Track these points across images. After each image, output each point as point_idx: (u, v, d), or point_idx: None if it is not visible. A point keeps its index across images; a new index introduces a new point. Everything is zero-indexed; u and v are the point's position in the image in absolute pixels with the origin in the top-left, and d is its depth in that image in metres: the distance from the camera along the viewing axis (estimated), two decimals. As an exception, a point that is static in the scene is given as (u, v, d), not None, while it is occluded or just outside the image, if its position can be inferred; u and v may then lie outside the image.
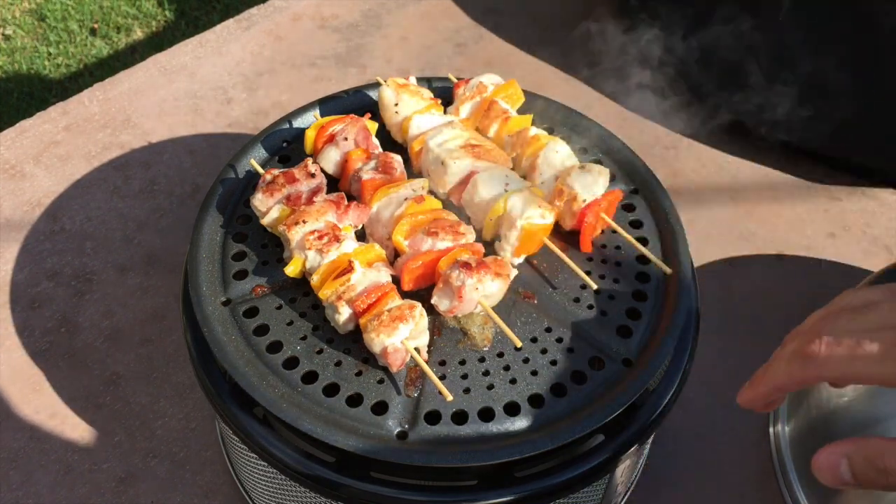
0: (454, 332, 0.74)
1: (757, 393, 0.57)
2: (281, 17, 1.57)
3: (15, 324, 1.09)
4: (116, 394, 1.02)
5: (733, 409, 1.02)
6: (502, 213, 0.78)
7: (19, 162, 1.28)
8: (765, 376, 0.56)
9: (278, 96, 1.42)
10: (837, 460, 0.52)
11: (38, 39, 2.43)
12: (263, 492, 0.84)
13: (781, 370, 0.55)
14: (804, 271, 1.19)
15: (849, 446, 0.52)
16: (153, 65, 1.46)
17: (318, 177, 0.80)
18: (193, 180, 1.27)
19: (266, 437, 0.69)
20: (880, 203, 1.30)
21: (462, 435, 0.66)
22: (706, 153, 1.37)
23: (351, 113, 0.90)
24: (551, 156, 0.83)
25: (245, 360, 0.70)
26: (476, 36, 1.57)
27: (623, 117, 1.42)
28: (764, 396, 0.57)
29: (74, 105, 1.38)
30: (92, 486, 0.94)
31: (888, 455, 0.50)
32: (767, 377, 0.56)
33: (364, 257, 0.74)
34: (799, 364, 0.53)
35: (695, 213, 1.26)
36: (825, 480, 0.52)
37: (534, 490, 0.67)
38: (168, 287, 1.14)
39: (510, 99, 0.91)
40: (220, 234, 0.81)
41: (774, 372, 0.56)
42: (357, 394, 0.69)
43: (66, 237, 1.19)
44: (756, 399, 0.58)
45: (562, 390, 0.69)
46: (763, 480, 0.97)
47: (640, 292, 0.77)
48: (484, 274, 0.71)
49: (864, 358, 0.50)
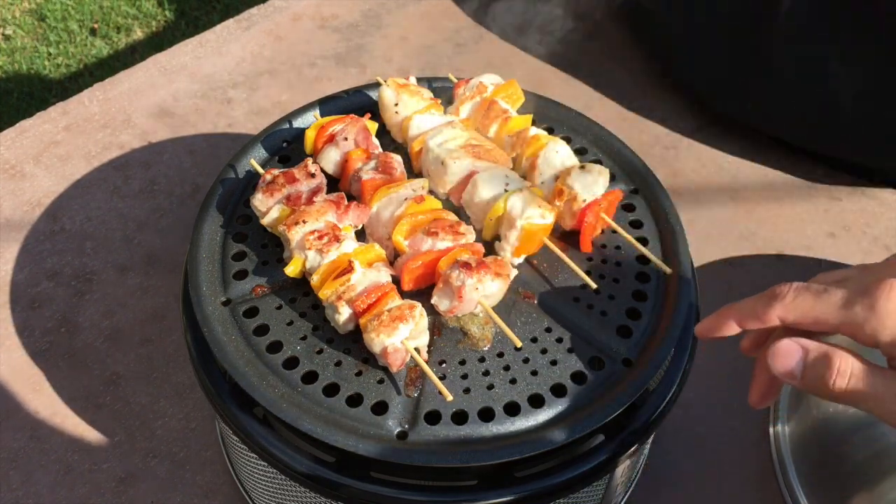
0: (454, 332, 0.74)
1: (716, 322, 0.59)
2: (281, 17, 1.57)
3: (15, 324, 1.09)
4: (116, 394, 1.02)
5: (733, 409, 1.02)
6: (502, 213, 0.78)
7: (19, 162, 1.28)
8: (729, 312, 0.59)
9: (278, 96, 1.42)
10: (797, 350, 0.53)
11: (38, 39, 2.43)
12: (263, 492, 0.84)
13: (747, 305, 0.57)
14: (804, 271, 1.19)
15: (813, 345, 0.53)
16: (153, 65, 1.46)
17: (318, 177, 0.80)
18: (193, 180, 1.28)
19: (266, 437, 0.69)
20: (880, 203, 1.30)
21: (462, 435, 0.66)
22: (706, 153, 1.37)
23: (351, 113, 0.90)
24: (551, 156, 0.83)
25: (245, 360, 0.70)
26: (476, 36, 1.57)
27: (623, 117, 1.42)
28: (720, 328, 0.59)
29: (74, 105, 1.38)
30: (92, 486, 0.94)
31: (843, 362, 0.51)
32: (732, 309, 0.58)
33: (364, 257, 0.74)
34: (764, 301, 0.56)
35: (695, 213, 1.26)
36: (776, 366, 0.54)
37: (534, 490, 0.67)
38: (168, 287, 1.14)
39: (510, 99, 0.91)
40: (220, 234, 0.81)
41: (740, 306, 0.58)
42: (357, 394, 0.69)
43: (66, 237, 1.19)
44: (712, 328, 0.60)
45: (562, 390, 0.69)
46: (763, 480, 0.97)
47: (640, 292, 0.77)
48: (484, 274, 0.71)
49: (827, 302, 0.52)
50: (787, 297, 0.54)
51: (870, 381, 0.51)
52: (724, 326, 0.59)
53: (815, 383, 0.52)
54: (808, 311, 0.53)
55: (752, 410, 1.02)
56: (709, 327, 0.60)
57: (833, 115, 1.25)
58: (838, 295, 0.52)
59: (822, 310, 0.52)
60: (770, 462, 0.98)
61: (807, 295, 0.53)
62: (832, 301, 0.52)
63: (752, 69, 1.28)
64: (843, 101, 1.22)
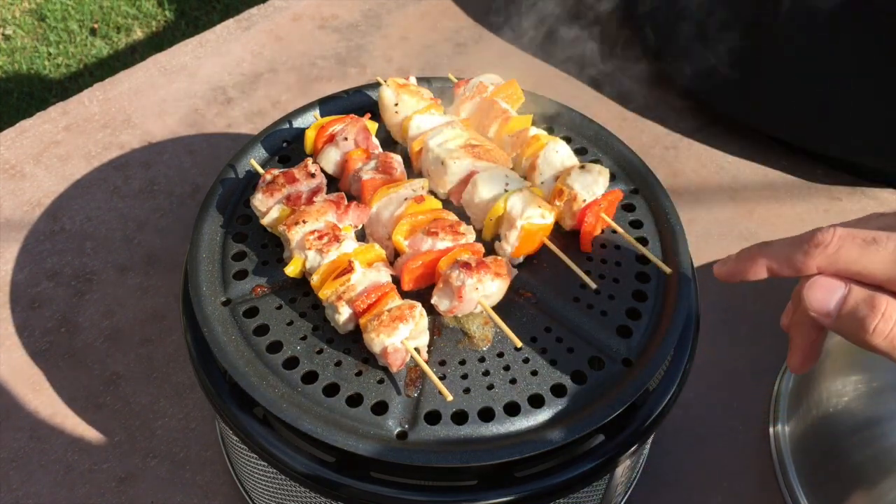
0: (454, 332, 0.74)
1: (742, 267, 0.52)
2: (281, 17, 1.57)
3: (15, 324, 1.09)
4: (116, 394, 1.02)
5: (733, 409, 1.02)
6: (502, 213, 0.78)
7: (19, 162, 1.28)
8: (760, 251, 0.52)
9: (278, 96, 1.42)
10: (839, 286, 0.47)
11: (38, 39, 2.43)
12: (263, 492, 0.84)
13: (781, 250, 0.51)
14: (804, 271, 1.19)
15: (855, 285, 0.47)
16: (153, 65, 1.46)
17: (318, 177, 0.80)
18: (193, 180, 1.28)
19: (266, 437, 0.69)
20: (880, 203, 1.30)
21: (462, 435, 0.66)
22: (706, 153, 1.37)
23: (351, 113, 0.90)
24: (551, 156, 0.83)
25: (245, 360, 0.70)
26: (476, 36, 1.57)
27: (623, 117, 1.42)
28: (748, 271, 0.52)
29: (74, 105, 1.38)
30: (92, 486, 0.94)
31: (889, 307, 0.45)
32: (762, 253, 0.52)
33: (364, 257, 0.74)
34: (804, 249, 0.49)
35: (695, 213, 1.26)
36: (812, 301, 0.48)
37: (534, 490, 0.67)
38: (168, 287, 1.14)
39: (510, 99, 0.91)
40: (220, 234, 0.81)
41: (772, 249, 0.51)
42: (357, 394, 0.69)
43: (66, 237, 1.19)
44: (738, 271, 0.53)
45: (562, 390, 0.69)
46: (763, 480, 0.97)
47: (640, 292, 0.77)
48: (484, 274, 0.71)
49: (876, 254, 0.46)
50: (831, 245, 0.47)
51: None
52: (753, 269, 0.52)
53: (853, 325, 0.47)
54: (853, 262, 0.47)
55: (752, 410, 1.02)
56: (735, 270, 0.53)
57: (833, 115, 1.25)
58: (890, 247, 0.46)
59: (869, 262, 0.46)
60: (770, 462, 0.98)
61: (853, 245, 0.47)
62: (883, 253, 0.46)
63: (752, 69, 1.28)
64: (842, 101, 1.23)
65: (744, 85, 1.31)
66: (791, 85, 1.26)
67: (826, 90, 1.23)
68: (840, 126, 1.25)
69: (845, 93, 1.22)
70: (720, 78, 1.34)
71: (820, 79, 1.22)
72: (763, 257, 0.51)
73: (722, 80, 1.34)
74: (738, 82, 1.31)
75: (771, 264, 0.51)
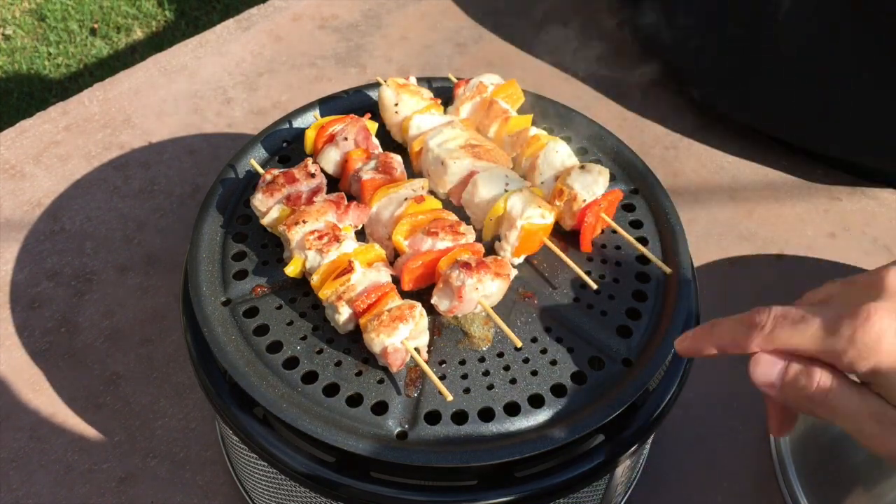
0: (454, 332, 0.74)
1: (696, 345, 0.58)
2: (281, 17, 1.57)
3: (15, 324, 1.09)
4: (116, 394, 1.02)
5: (733, 409, 1.02)
6: (502, 213, 0.78)
7: (19, 162, 1.28)
8: (710, 332, 0.57)
9: (278, 96, 1.42)
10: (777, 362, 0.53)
11: (38, 39, 2.43)
12: (263, 492, 0.84)
13: (727, 332, 0.56)
14: (804, 271, 1.19)
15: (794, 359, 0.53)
16: (153, 65, 1.46)
17: (318, 177, 0.80)
18: (193, 180, 1.28)
19: (266, 437, 0.69)
20: (880, 203, 1.30)
21: (462, 435, 0.66)
22: (706, 153, 1.37)
23: (351, 113, 0.90)
24: (551, 156, 0.83)
25: (245, 360, 0.70)
26: (476, 36, 1.57)
27: (623, 117, 1.42)
28: (700, 350, 0.58)
29: (74, 105, 1.38)
30: (92, 486, 0.94)
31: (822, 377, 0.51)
32: (712, 334, 0.57)
33: (364, 257, 0.74)
34: (743, 330, 0.54)
35: (695, 213, 1.26)
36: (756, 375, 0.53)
37: (534, 490, 0.67)
38: (168, 287, 1.14)
39: (510, 99, 0.91)
40: (220, 234, 0.81)
41: (720, 330, 0.57)
42: (357, 394, 0.69)
43: (66, 237, 1.19)
44: (692, 349, 0.59)
45: (562, 390, 0.69)
46: (763, 480, 0.97)
47: (640, 292, 0.77)
48: (484, 274, 0.71)
49: (805, 333, 0.52)
50: (766, 326, 0.53)
51: (847, 397, 0.51)
52: (704, 349, 0.58)
53: (795, 395, 0.52)
54: (786, 340, 0.52)
55: (752, 410, 1.02)
56: (689, 348, 0.59)
57: (833, 115, 1.25)
58: (816, 324, 0.51)
59: (800, 340, 0.52)
60: (770, 462, 0.98)
61: (785, 324, 0.53)
62: (810, 331, 0.51)
63: (752, 69, 1.28)
64: (843, 101, 1.23)
65: (744, 85, 1.31)
66: (791, 85, 1.26)
67: (826, 90, 1.23)
68: (840, 126, 1.25)
69: (845, 93, 1.22)
70: (720, 78, 1.34)
71: (820, 79, 1.22)
72: (712, 339, 0.57)
73: (722, 80, 1.34)
74: (738, 82, 1.31)
75: (720, 346, 0.57)
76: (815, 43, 1.20)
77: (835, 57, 1.19)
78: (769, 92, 1.29)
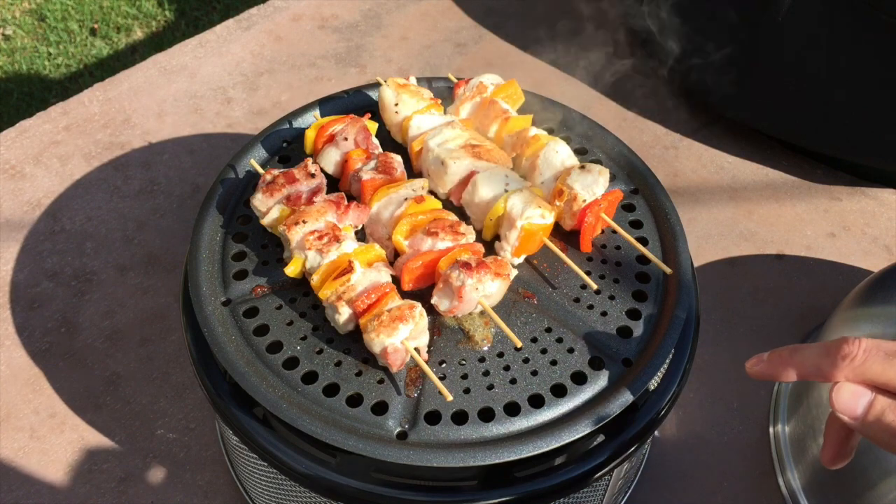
0: (454, 332, 0.74)
1: (773, 370, 0.56)
2: (281, 17, 1.57)
3: (15, 324, 1.09)
4: (116, 394, 1.02)
5: (733, 409, 1.02)
6: (502, 213, 0.78)
7: (19, 162, 1.28)
8: (791, 357, 0.55)
9: (278, 96, 1.42)
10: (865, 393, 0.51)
11: (38, 39, 2.43)
12: (263, 492, 0.84)
13: (810, 359, 0.53)
14: (804, 271, 1.19)
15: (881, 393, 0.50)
16: (153, 65, 1.46)
17: (318, 177, 0.80)
18: (193, 180, 1.28)
19: (266, 437, 0.69)
20: (880, 203, 1.30)
21: (462, 435, 0.66)
22: (706, 153, 1.37)
23: (351, 113, 0.90)
24: (551, 156, 0.83)
25: (245, 360, 0.70)
26: (476, 36, 1.57)
27: (623, 117, 1.42)
28: (778, 375, 0.55)
29: (74, 105, 1.38)
30: (92, 486, 0.94)
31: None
32: (793, 360, 0.54)
33: (364, 257, 0.74)
34: (831, 360, 0.52)
35: (695, 213, 1.26)
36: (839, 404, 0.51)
37: (534, 490, 0.67)
38: (168, 287, 1.14)
39: (510, 99, 0.91)
40: (220, 234, 0.81)
41: (802, 357, 0.54)
42: (357, 394, 0.69)
43: (66, 237, 1.19)
44: (767, 373, 0.56)
45: (562, 390, 0.69)
46: (763, 480, 0.97)
47: (640, 292, 0.77)
48: (484, 274, 0.71)
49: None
50: (857, 358, 0.51)
51: None
52: (784, 374, 0.55)
53: (879, 430, 0.50)
54: (878, 375, 0.50)
55: (752, 410, 1.02)
56: (766, 372, 0.56)
57: (833, 116, 1.25)
58: None
59: (894, 374, 0.50)
60: (770, 462, 0.98)
61: (877, 357, 0.50)
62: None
63: (752, 69, 1.28)
64: (843, 101, 1.23)
65: (744, 85, 1.31)
66: (791, 85, 1.26)
67: (826, 90, 1.23)
68: (840, 126, 1.25)
69: (845, 93, 1.22)
70: (720, 78, 1.34)
71: (820, 79, 1.22)
72: (793, 365, 0.55)
73: (722, 80, 1.34)
74: (738, 82, 1.31)
75: (801, 371, 0.54)
76: (815, 43, 1.20)
77: (835, 57, 1.19)
78: (769, 92, 1.29)
